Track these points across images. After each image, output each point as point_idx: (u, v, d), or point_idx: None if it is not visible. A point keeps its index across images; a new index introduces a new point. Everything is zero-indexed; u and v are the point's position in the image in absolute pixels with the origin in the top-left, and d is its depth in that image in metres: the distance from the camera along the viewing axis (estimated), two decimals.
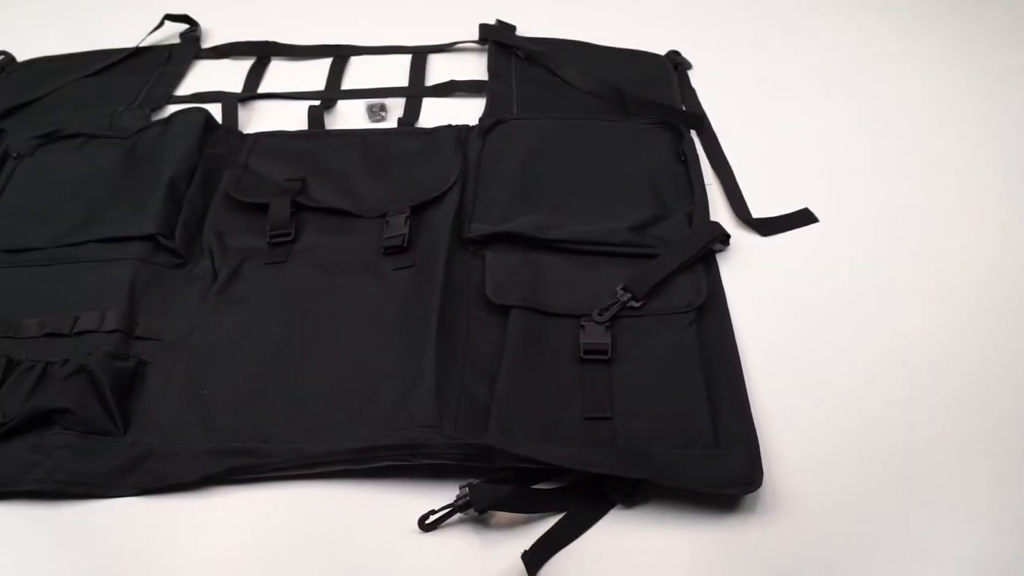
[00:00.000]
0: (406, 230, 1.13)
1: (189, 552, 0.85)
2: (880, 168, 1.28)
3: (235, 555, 0.85)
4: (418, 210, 1.16)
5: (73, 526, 0.87)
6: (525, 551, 0.81)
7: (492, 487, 0.84)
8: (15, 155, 1.28)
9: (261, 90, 1.48)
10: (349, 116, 1.41)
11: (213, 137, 1.30)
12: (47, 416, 0.92)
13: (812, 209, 1.20)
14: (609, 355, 0.98)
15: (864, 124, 1.36)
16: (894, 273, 1.11)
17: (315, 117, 1.38)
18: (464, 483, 0.85)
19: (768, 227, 1.17)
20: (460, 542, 0.84)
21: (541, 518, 0.86)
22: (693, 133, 1.32)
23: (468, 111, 1.39)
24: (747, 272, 1.11)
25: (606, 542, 0.84)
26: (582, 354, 0.98)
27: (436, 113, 1.41)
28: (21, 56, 1.58)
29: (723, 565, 0.82)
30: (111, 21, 1.68)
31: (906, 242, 1.15)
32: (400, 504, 0.87)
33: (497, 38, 1.52)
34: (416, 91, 1.45)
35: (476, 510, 0.83)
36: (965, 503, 0.86)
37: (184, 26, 1.61)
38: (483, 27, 1.55)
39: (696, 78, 1.47)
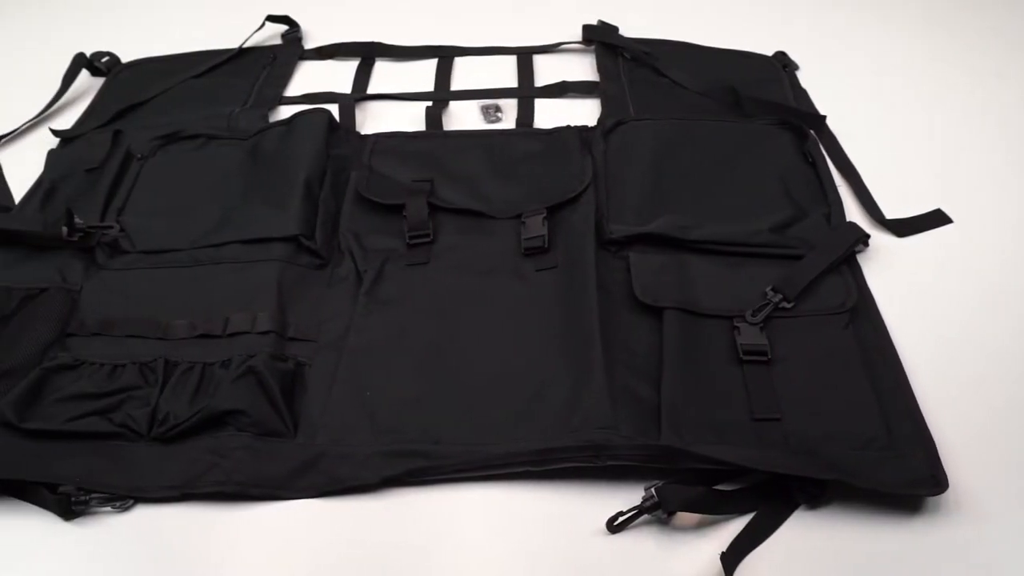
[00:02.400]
0: (545, 231, 1.13)
1: (371, 553, 0.85)
2: (1009, 165, 1.27)
3: (422, 556, 0.85)
4: (553, 210, 1.16)
5: (251, 527, 0.87)
6: (723, 552, 0.81)
7: (682, 488, 0.84)
8: (139, 156, 1.28)
9: (369, 91, 1.48)
10: (461, 116, 1.41)
11: (335, 138, 1.30)
12: (220, 417, 0.92)
13: (943, 209, 1.20)
14: (769, 356, 0.98)
15: (987, 120, 1.36)
16: None
17: (433, 118, 1.38)
18: (649, 484, 0.85)
19: (904, 228, 1.17)
20: (649, 543, 0.84)
21: (725, 519, 0.86)
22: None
23: (579, 111, 1.40)
24: (889, 273, 1.11)
25: (792, 543, 0.84)
26: (742, 355, 0.98)
27: (547, 114, 1.40)
28: (124, 57, 1.58)
29: (912, 566, 0.82)
30: (207, 21, 1.68)
31: None
32: (580, 506, 0.87)
33: (602, 39, 1.52)
34: (527, 92, 1.45)
35: (665, 511, 0.83)
36: None
37: (284, 27, 1.61)
38: (587, 28, 1.55)
39: (802, 78, 1.47)
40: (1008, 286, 1.09)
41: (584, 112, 1.40)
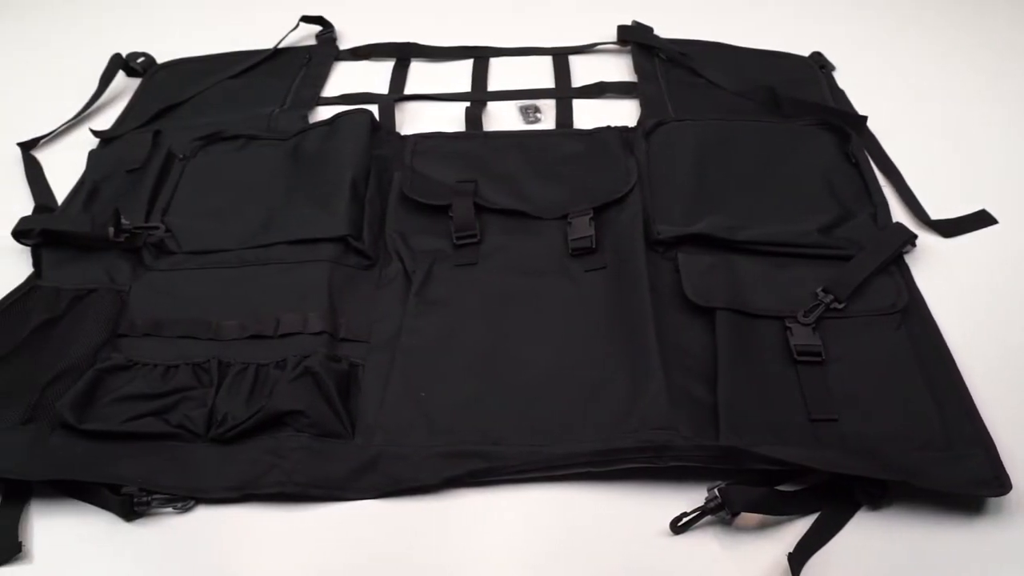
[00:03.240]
0: (593, 231, 1.13)
1: (432, 554, 0.85)
2: None
3: (484, 557, 0.85)
4: (599, 211, 1.16)
5: (311, 527, 0.87)
6: (790, 552, 0.81)
7: (746, 489, 0.84)
8: (181, 156, 1.28)
9: (405, 91, 1.48)
10: (499, 117, 1.41)
11: (377, 138, 1.30)
12: (278, 418, 0.92)
13: (987, 210, 1.20)
14: (823, 357, 0.98)
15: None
16: None
17: (473, 118, 1.38)
18: (711, 485, 0.85)
19: (950, 228, 1.17)
20: (712, 543, 0.84)
21: (785, 520, 0.86)
22: None
23: (617, 112, 1.40)
24: (936, 273, 1.11)
25: (854, 544, 0.84)
26: (796, 356, 0.98)
27: (585, 114, 1.40)
28: (158, 58, 1.58)
29: (974, 568, 0.82)
30: (238, 21, 1.69)
31: None
32: (640, 506, 0.87)
33: (638, 39, 1.52)
34: (565, 92, 1.45)
35: (730, 512, 0.83)
36: None
37: (317, 27, 1.61)
38: (622, 28, 1.55)
39: (839, 79, 1.47)
40: None
41: (622, 113, 1.40)
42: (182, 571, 0.84)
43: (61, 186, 1.30)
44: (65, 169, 1.33)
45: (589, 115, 1.40)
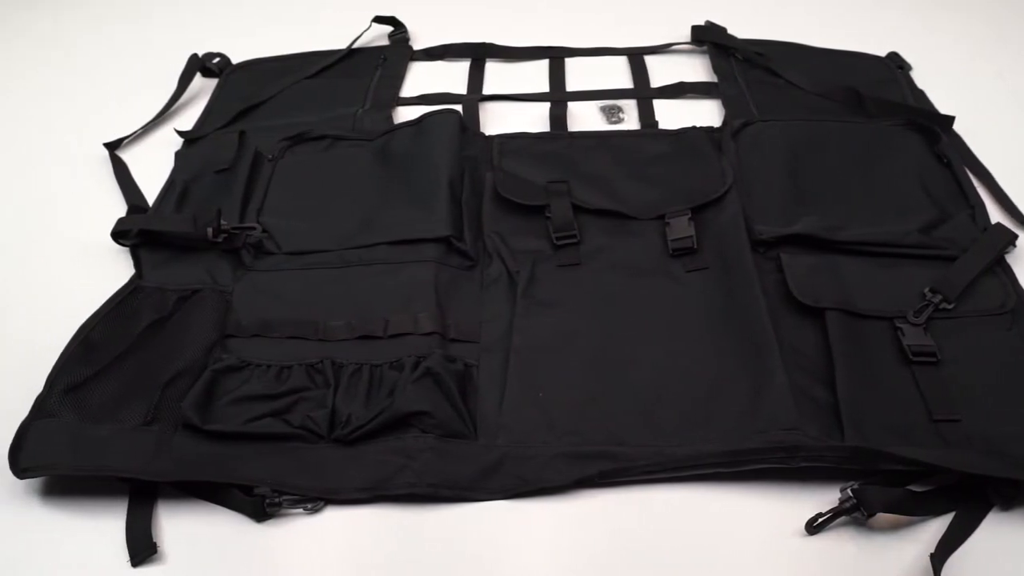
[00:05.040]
0: (693, 231, 1.13)
1: (564, 554, 0.85)
2: None
3: (620, 556, 0.85)
4: (695, 211, 1.16)
5: (440, 528, 0.87)
6: (932, 553, 0.81)
7: (882, 490, 0.84)
8: (270, 157, 1.28)
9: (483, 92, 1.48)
10: (580, 117, 1.41)
11: (465, 139, 1.30)
12: (403, 419, 0.92)
13: None
14: (938, 357, 0.98)
15: None
16: None
17: (557, 119, 1.38)
18: (844, 486, 0.85)
19: None
20: (848, 544, 0.84)
21: (919, 521, 0.86)
22: None
23: (698, 112, 1.40)
24: None
25: (987, 544, 0.84)
26: (911, 356, 0.98)
27: (665, 114, 1.40)
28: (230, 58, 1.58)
29: None
30: (309, 21, 1.69)
31: None
32: (770, 506, 0.87)
33: (713, 39, 1.52)
34: (645, 93, 1.45)
35: (866, 512, 0.83)
36: None
37: (389, 28, 1.62)
38: (696, 28, 1.55)
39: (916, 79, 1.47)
40: None
41: (703, 113, 1.40)
42: (315, 572, 0.84)
43: (144, 186, 1.30)
44: (147, 169, 1.33)
45: (670, 115, 1.40)
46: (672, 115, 1.39)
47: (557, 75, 1.51)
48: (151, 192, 1.28)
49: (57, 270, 1.18)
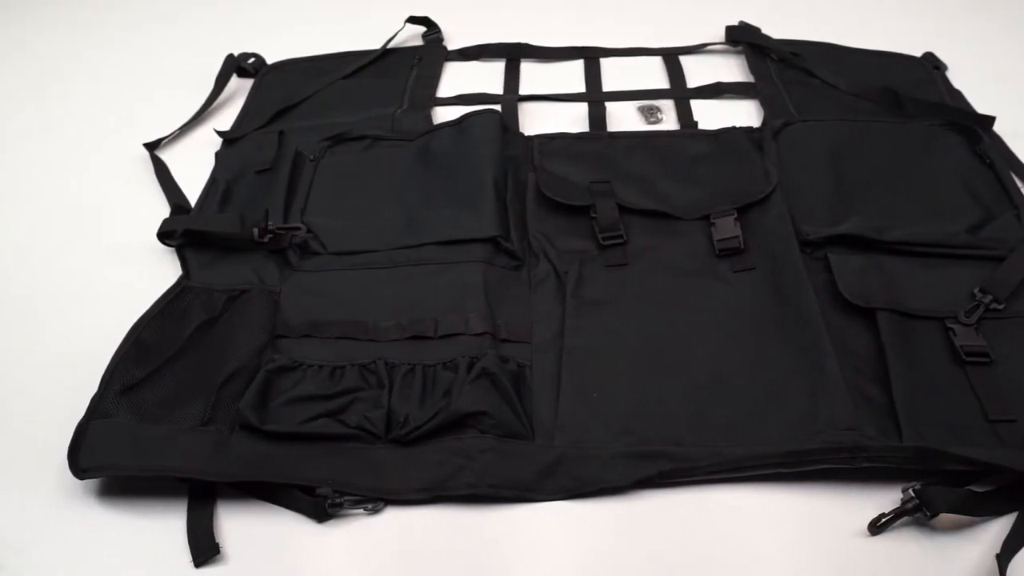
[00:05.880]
0: (739, 231, 1.13)
1: (625, 554, 0.85)
2: None
3: (679, 557, 0.85)
4: (740, 211, 1.16)
5: (499, 528, 0.87)
6: (998, 553, 0.81)
7: (945, 490, 0.84)
8: (311, 157, 1.28)
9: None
10: (618, 117, 1.41)
11: (507, 139, 1.30)
12: (461, 420, 0.92)
13: None
14: (991, 357, 0.98)
15: None
16: None
17: (596, 119, 1.38)
18: (905, 486, 0.85)
19: None
20: (911, 544, 0.84)
21: (981, 521, 0.86)
22: None
23: (735, 112, 1.40)
24: None
25: None
26: (964, 357, 0.98)
27: (703, 114, 1.40)
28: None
29: None
30: (341, 19, 1.69)
31: None
32: (832, 507, 0.87)
33: (748, 39, 1.52)
34: (682, 93, 1.45)
35: (929, 512, 0.83)
36: None
37: (422, 28, 1.62)
38: (730, 28, 1.55)
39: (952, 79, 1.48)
40: None
41: (740, 113, 1.40)
42: (377, 572, 0.84)
43: (182, 185, 1.30)
44: (184, 168, 1.33)
45: (707, 115, 1.40)
46: (709, 115, 1.39)
47: (593, 75, 1.51)
48: (188, 192, 1.28)
49: (103, 270, 1.18)
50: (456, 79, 1.53)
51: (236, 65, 1.52)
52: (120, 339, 1.01)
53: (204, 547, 0.84)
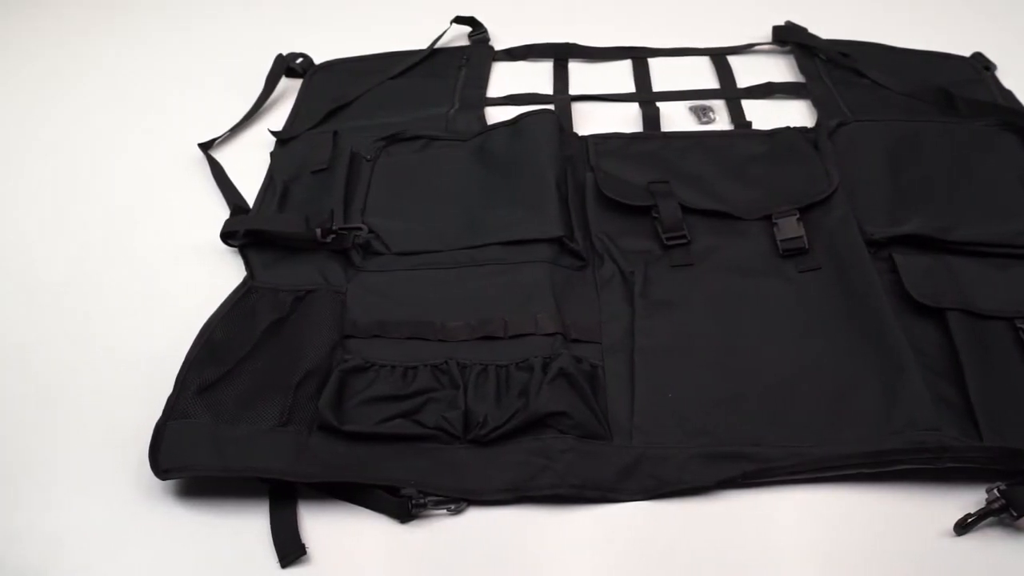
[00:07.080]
0: (803, 231, 1.13)
1: (713, 555, 0.85)
2: None
3: (758, 558, 0.85)
4: (802, 211, 1.16)
5: (580, 528, 0.87)
6: None
7: None
8: (368, 158, 1.28)
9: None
10: (669, 117, 1.40)
11: (562, 139, 1.30)
12: (540, 420, 0.92)
13: None
14: None
15: None
16: None
17: (650, 119, 1.38)
18: (989, 486, 0.85)
19: None
20: (997, 544, 0.84)
21: None
22: None
23: (786, 112, 1.40)
24: None
25: None
26: None
27: (753, 114, 1.40)
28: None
29: None
30: (387, 20, 1.69)
31: None
32: (914, 507, 0.87)
33: (796, 39, 1.52)
34: (733, 93, 1.45)
35: (1016, 513, 0.83)
36: None
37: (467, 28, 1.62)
38: (777, 28, 1.55)
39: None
40: None
41: (791, 113, 1.40)
42: (462, 573, 0.84)
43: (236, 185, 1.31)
44: (237, 168, 1.33)
45: (758, 115, 1.39)
46: (761, 115, 1.39)
47: (642, 75, 1.50)
48: (242, 192, 1.29)
49: (166, 272, 1.18)
50: (503, 79, 1.53)
51: (285, 65, 1.51)
52: (187, 339, 1.01)
53: (290, 547, 0.84)
